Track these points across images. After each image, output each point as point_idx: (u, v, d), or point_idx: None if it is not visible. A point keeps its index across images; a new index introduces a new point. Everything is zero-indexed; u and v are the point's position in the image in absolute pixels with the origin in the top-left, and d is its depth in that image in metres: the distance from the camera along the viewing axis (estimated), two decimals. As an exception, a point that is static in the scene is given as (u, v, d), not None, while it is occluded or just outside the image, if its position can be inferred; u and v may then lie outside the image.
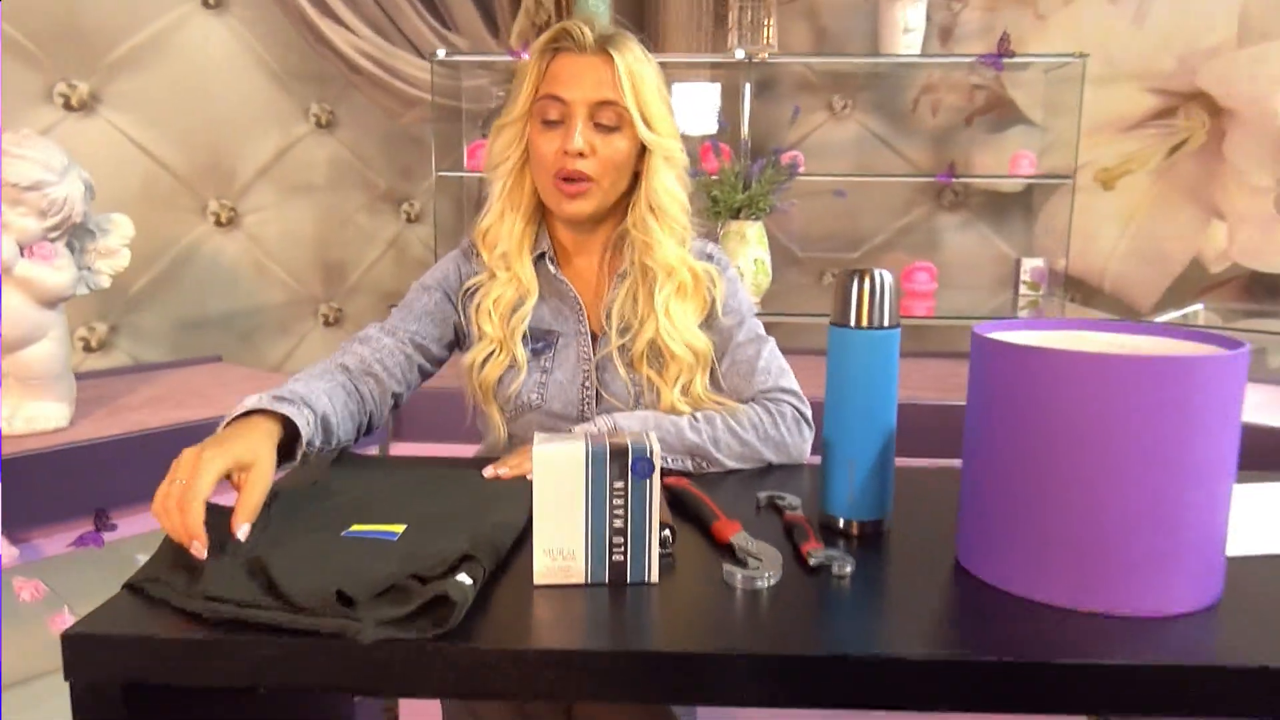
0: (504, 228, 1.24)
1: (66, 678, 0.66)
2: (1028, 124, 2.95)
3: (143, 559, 0.78)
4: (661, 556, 0.83)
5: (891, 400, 0.90)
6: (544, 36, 1.20)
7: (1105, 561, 0.73)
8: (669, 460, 1.13)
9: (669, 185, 1.23)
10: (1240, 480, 1.04)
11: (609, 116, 1.17)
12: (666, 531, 0.84)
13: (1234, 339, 0.74)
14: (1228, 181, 2.74)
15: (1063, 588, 0.74)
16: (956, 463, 0.87)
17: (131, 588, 0.74)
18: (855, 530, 0.91)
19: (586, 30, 1.18)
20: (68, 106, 2.34)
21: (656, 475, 0.77)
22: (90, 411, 1.90)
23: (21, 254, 1.68)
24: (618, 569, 0.78)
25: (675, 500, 0.98)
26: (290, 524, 0.86)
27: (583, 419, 1.23)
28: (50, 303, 1.74)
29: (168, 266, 2.57)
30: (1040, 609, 0.75)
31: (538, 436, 0.79)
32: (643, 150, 1.22)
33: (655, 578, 0.79)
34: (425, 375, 1.28)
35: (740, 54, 2.47)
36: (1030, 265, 2.72)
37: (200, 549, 0.77)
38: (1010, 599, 0.76)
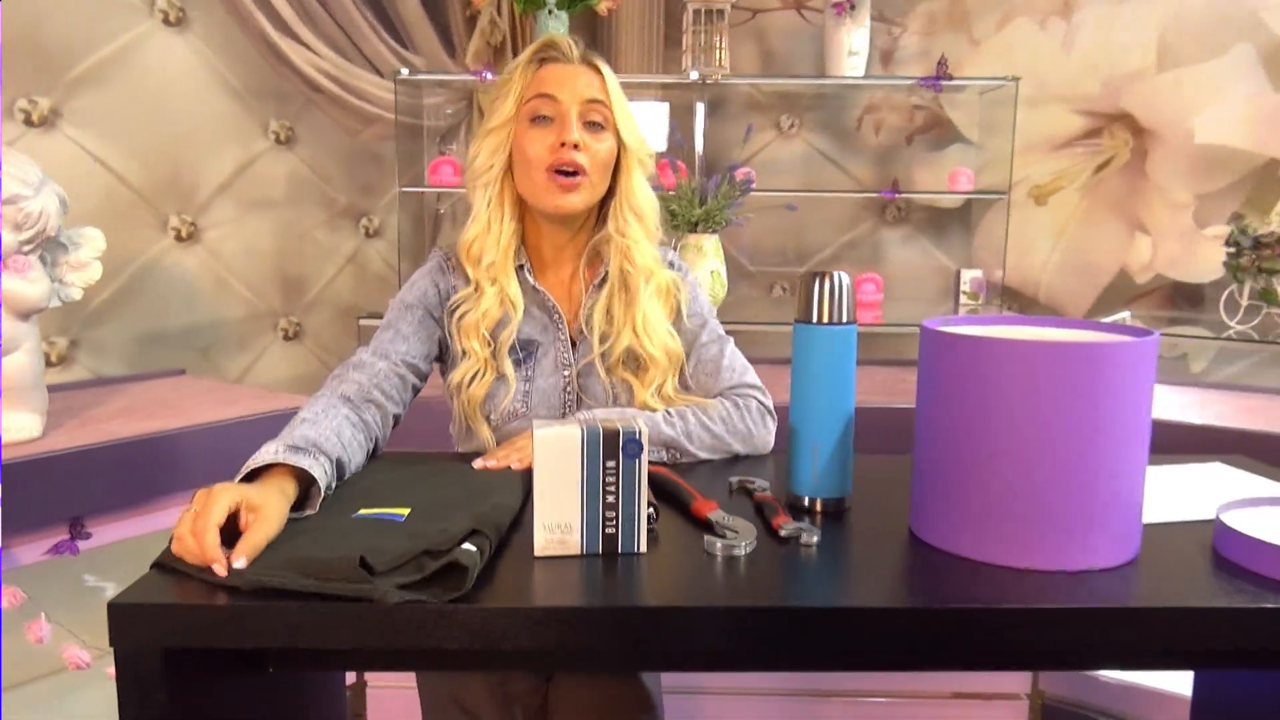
0: (490, 238, 1.29)
1: (111, 644, 0.72)
2: (965, 143, 3.10)
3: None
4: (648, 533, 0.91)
5: (850, 389, 1.00)
6: (531, 48, 1.28)
7: (1038, 523, 0.84)
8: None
9: (645, 188, 1.31)
10: (1161, 462, 1.17)
11: (596, 115, 1.25)
12: (651, 510, 0.92)
13: (1144, 329, 0.85)
14: (1150, 197, 2.92)
15: (1002, 548, 0.85)
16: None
17: (160, 566, 0.80)
18: (819, 508, 1.01)
19: (573, 44, 1.27)
20: (28, 122, 2.36)
21: (645, 455, 0.85)
22: (61, 423, 1.92)
23: (-4, 267, 1.71)
24: (610, 541, 0.87)
25: (655, 485, 1.06)
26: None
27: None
28: (24, 315, 1.77)
29: (128, 281, 2.59)
30: (984, 567, 0.85)
31: (536, 422, 0.87)
32: (618, 157, 1.30)
33: (644, 548, 0.87)
34: (416, 392, 1.31)
35: (694, 75, 2.57)
36: (969, 276, 2.87)
37: (221, 569, 0.78)
38: (957, 560, 0.87)
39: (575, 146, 1.23)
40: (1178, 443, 1.95)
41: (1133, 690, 2.17)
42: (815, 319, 0.98)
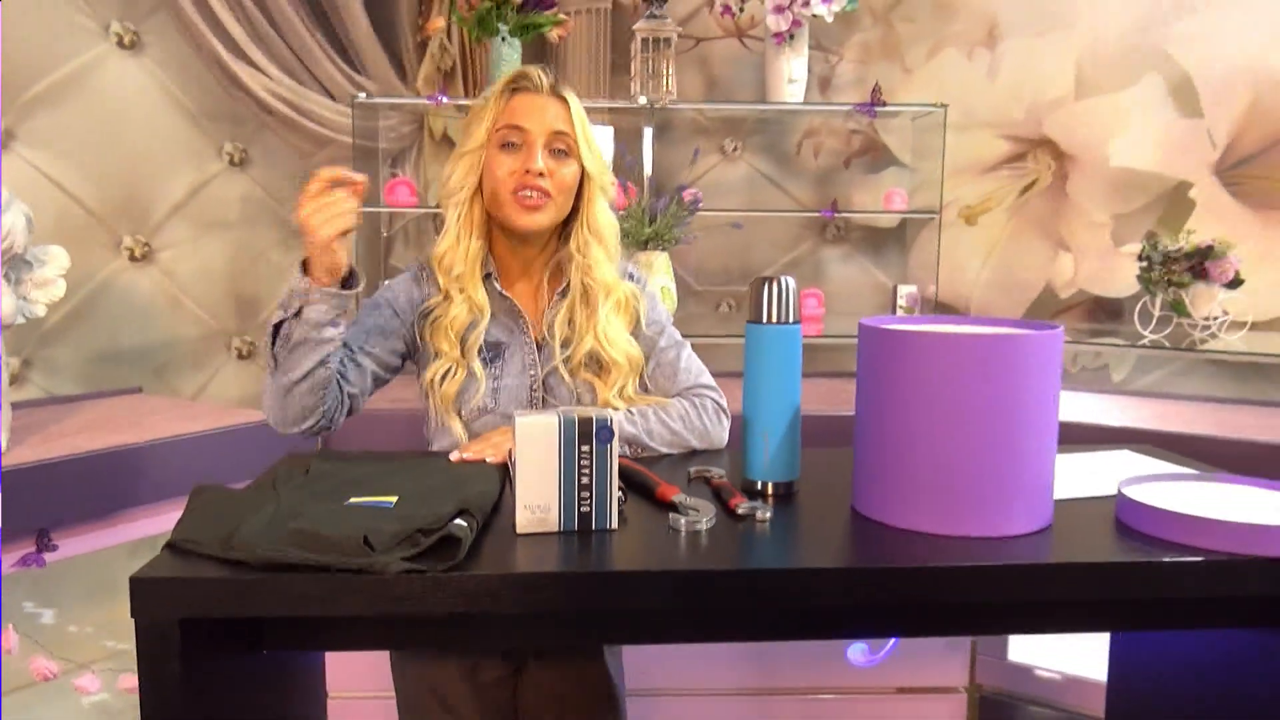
0: (459, 251, 1.39)
1: (133, 615, 0.78)
2: (899, 166, 3.26)
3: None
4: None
5: (796, 383, 1.11)
6: (505, 78, 1.39)
7: (962, 496, 0.95)
8: None
9: (605, 211, 1.43)
10: (1075, 450, 1.29)
11: (562, 144, 1.37)
12: (620, 493, 1.01)
13: (1051, 324, 0.98)
14: (1071, 218, 3.10)
15: (932, 518, 0.96)
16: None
17: (173, 547, 0.87)
18: (770, 490, 1.11)
19: (543, 76, 1.38)
20: (-18, 143, 2.38)
21: (615, 441, 0.95)
22: (23, 438, 1.94)
23: (-37, 284, 1.74)
24: (585, 518, 0.96)
25: (621, 475, 1.15)
26: (298, 499, 1.00)
27: None
28: (-10, 331, 1.80)
29: (82, 301, 2.60)
30: (916, 536, 0.96)
31: (517, 412, 0.96)
32: (581, 183, 1.41)
33: (615, 525, 0.96)
34: (379, 381, 1.41)
35: (643, 100, 2.69)
36: (905, 291, 3.01)
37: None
38: (893, 530, 0.98)
39: (540, 175, 1.34)
40: (1094, 442, 2.11)
41: (1061, 682, 2.31)
42: (765, 319, 1.09)
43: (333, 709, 2.18)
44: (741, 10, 2.80)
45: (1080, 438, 2.14)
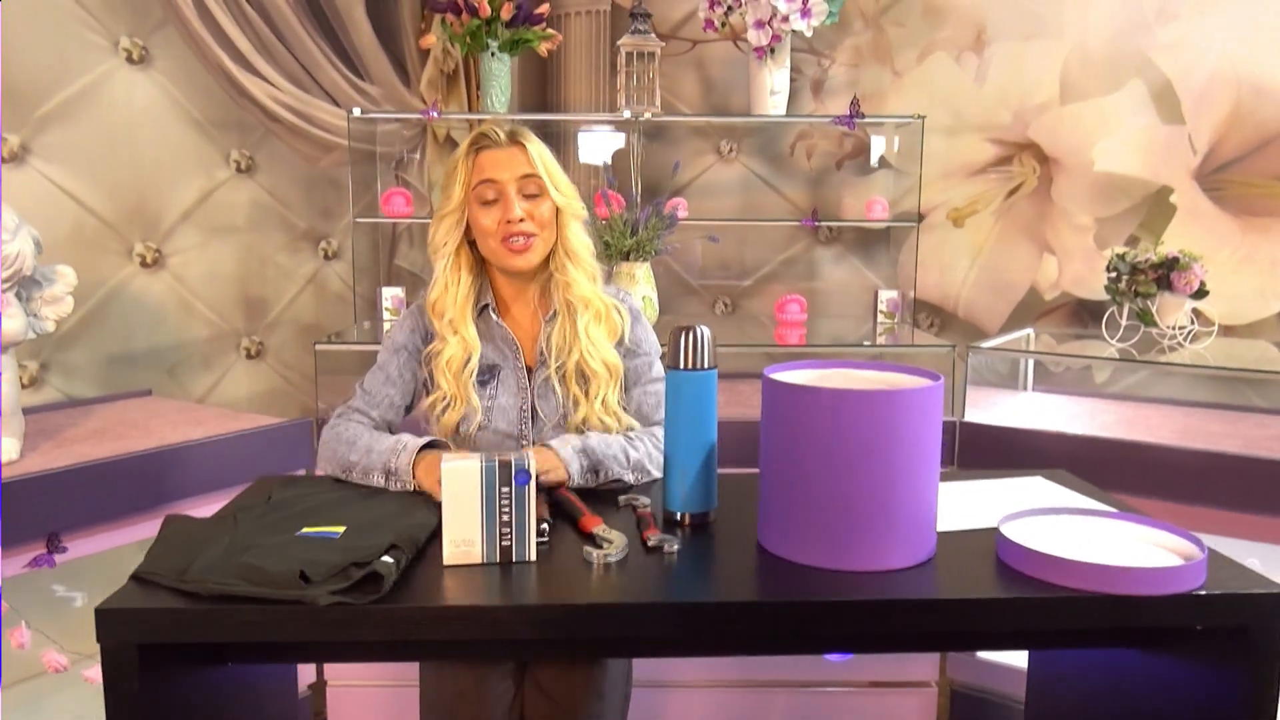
0: (449, 298, 1.54)
1: (99, 640, 0.90)
2: (889, 168, 3.33)
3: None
4: (540, 544, 1.11)
5: (711, 422, 1.20)
6: (467, 140, 1.52)
7: (849, 535, 1.05)
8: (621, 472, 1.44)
9: (578, 234, 1.56)
10: (991, 476, 1.37)
11: (532, 186, 1.49)
12: (545, 525, 1.12)
13: (933, 374, 1.06)
14: (1056, 220, 3.15)
15: (824, 555, 1.06)
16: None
17: (137, 578, 0.99)
18: (688, 520, 1.21)
19: (500, 131, 1.50)
20: (-1, 158, 2.49)
21: (533, 483, 1.05)
22: (36, 444, 2.07)
23: (-24, 305, 1.87)
24: (505, 551, 1.06)
25: (556, 505, 1.26)
26: (256, 529, 1.11)
27: (522, 435, 1.54)
28: (2, 348, 1.93)
29: (96, 306, 2.72)
30: (810, 570, 1.06)
31: (445, 456, 1.06)
32: (556, 213, 1.53)
33: (533, 557, 1.07)
34: (407, 412, 1.60)
35: (627, 114, 2.77)
36: (886, 297, 3.08)
37: None
38: (790, 565, 1.08)
39: (521, 221, 1.47)
40: (1064, 452, 2.19)
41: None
42: (681, 366, 1.18)
43: (332, 696, 2.33)
44: (724, 25, 2.86)
45: (1037, 446, 2.23)
